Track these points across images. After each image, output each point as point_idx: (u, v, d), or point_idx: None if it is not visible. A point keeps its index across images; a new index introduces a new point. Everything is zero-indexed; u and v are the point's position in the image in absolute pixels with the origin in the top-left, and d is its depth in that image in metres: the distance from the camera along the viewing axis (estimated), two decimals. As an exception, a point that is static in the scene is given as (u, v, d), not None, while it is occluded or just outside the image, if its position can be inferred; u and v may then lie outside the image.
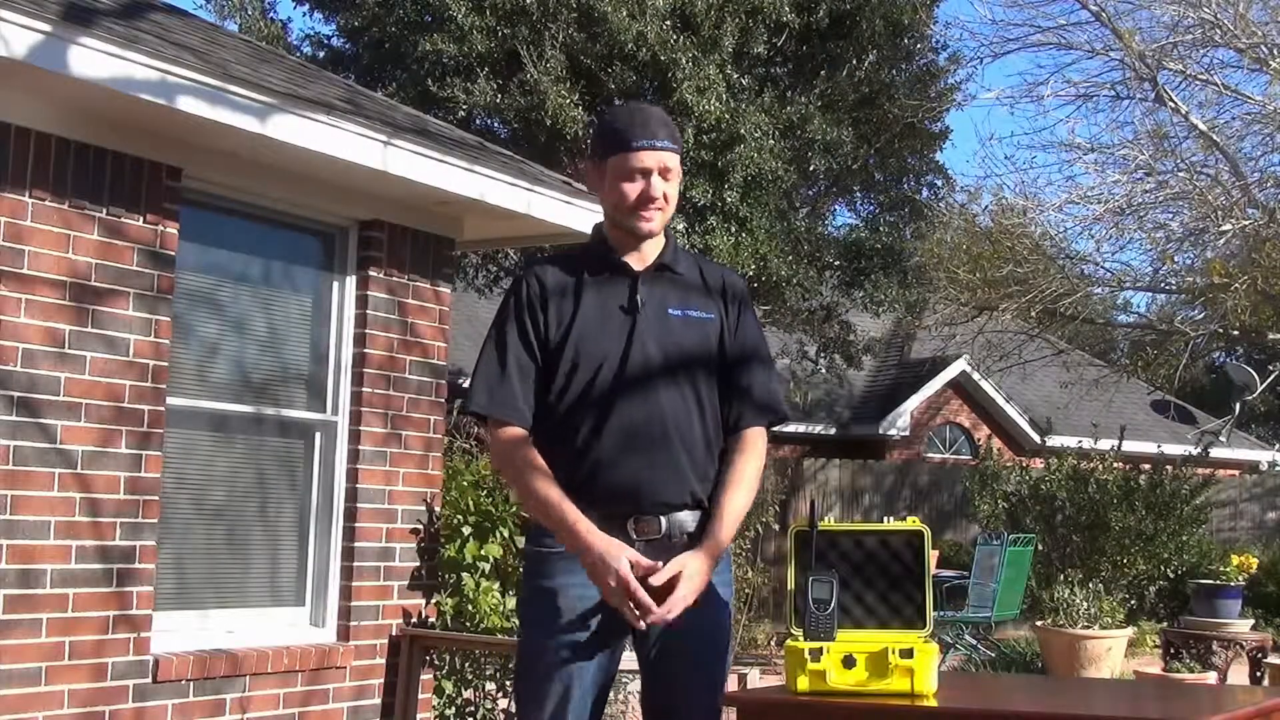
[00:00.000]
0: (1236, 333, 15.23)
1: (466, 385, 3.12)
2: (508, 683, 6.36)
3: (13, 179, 4.63)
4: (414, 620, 5.98)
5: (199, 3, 17.82)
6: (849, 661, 2.79)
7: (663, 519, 2.94)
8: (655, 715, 3.03)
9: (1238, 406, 18.59)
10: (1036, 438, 19.00)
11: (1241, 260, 14.55)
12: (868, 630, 2.91)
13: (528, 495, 2.95)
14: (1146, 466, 11.89)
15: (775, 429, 3.24)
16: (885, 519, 3.06)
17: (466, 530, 6.34)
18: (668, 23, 12.57)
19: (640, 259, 3.05)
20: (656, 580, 2.82)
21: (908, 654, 2.78)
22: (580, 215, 6.31)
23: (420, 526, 6.03)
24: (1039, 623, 10.51)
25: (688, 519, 2.97)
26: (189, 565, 5.38)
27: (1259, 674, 9.35)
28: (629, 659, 3.04)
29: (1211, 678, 8.79)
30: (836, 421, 20.41)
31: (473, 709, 6.31)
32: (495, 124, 13.89)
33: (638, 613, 2.80)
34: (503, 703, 6.38)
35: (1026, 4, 13.02)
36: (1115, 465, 11.79)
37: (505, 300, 3.07)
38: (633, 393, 2.95)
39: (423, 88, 13.11)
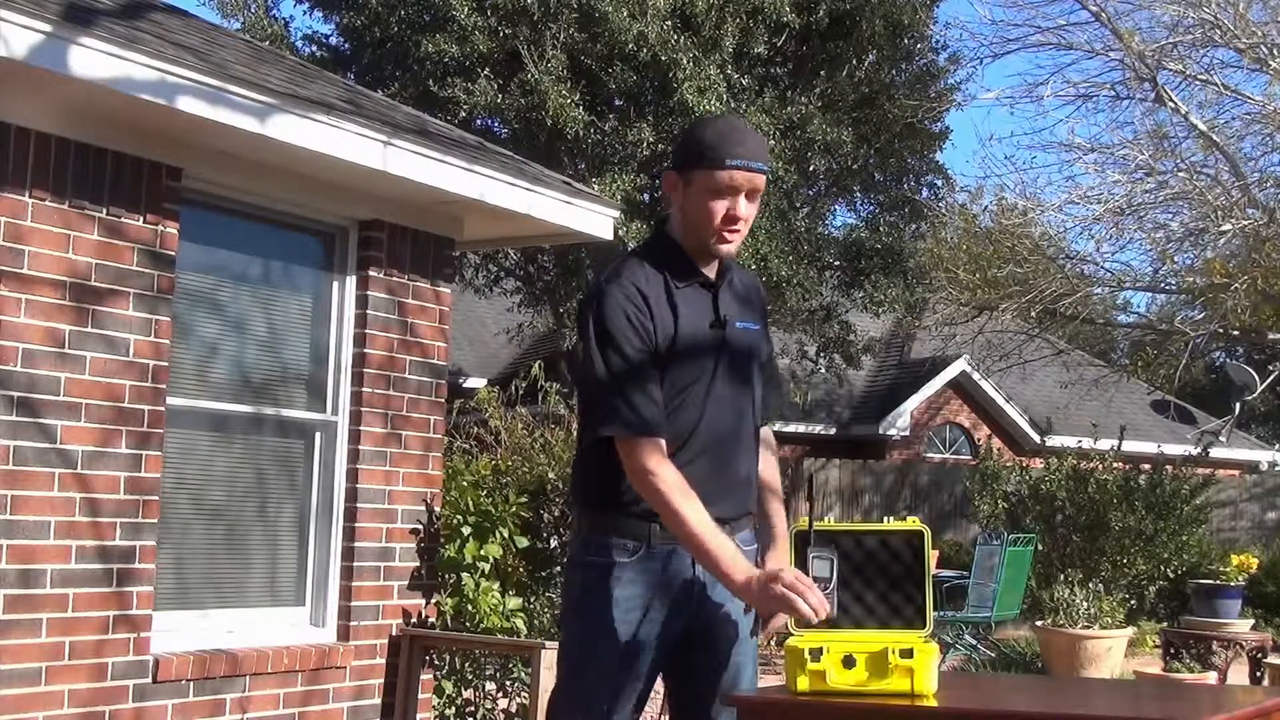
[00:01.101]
0: (1236, 333, 15.23)
1: (588, 402, 2.96)
2: (508, 683, 6.37)
3: (13, 179, 4.63)
4: (414, 620, 5.98)
5: (199, 2, 17.84)
6: (849, 661, 2.79)
7: (734, 535, 2.97)
8: (687, 713, 3.08)
9: (1238, 406, 18.57)
10: (1036, 438, 19.01)
11: (1241, 260, 14.56)
12: (868, 630, 2.91)
13: (676, 518, 2.85)
14: (1146, 466, 11.88)
15: (775, 429, 3.32)
16: (885, 519, 3.06)
17: (466, 530, 6.34)
18: (668, 23, 12.57)
19: (711, 270, 3.05)
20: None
21: (908, 654, 2.78)
22: (580, 215, 6.32)
23: (420, 526, 6.03)
24: (1039, 623, 10.51)
25: (747, 528, 3.07)
26: (189, 565, 5.38)
27: (1259, 674, 9.35)
28: None
29: (1211, 678, 8.80)
30: (836, 421, 20.42)
31: (473, 709, 6.31)
32: (496, 124, 13.90)
33: (811, 609, 2.75)
34: (503, 703, 6.39)
35: (1026, 4, 13.05)
36: (1115, 465, 11.78)
37: (605, 311, 2.91)
38: (720, 405, 2.98)
39: (424, 88, 13.12)
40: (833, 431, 20.17)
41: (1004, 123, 59.78)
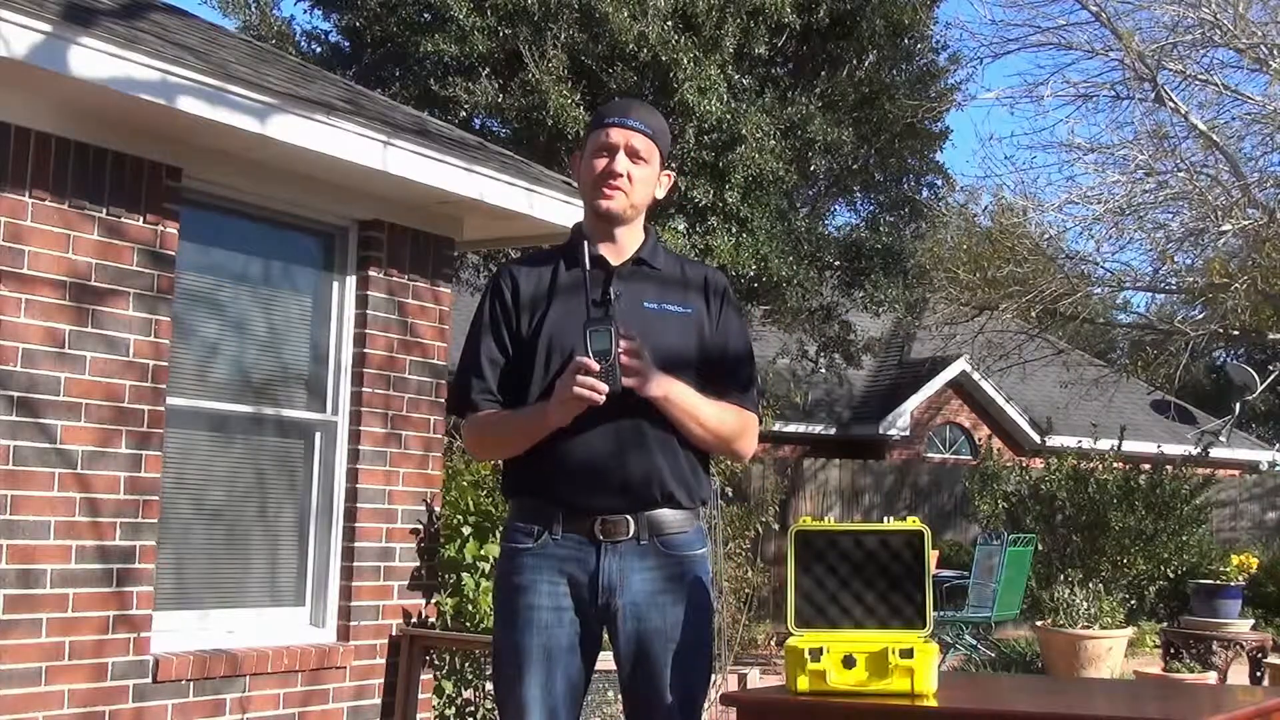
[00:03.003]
0: (1236, 333, 15.23)
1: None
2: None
3: (13, 179, 4.63)
4: (414, 620, 5.98)
5: (199, 2, 17.82)
6: (849, 661, 2.79)
7: (630, 520, 2.88)
8: (632, 716, 2.99)
9: (1238, 406, 18.57)
10: (1036, 438, 18.98)
11: (1241, 260, 14.55)
12: (868, 630, 2.91)
13: (503, 435, 2.95)
14: (1146, 466, 11.88)
15: (775, 429, 3.26)
16: (885, 519, 3.06)
17: (466, 530, 6.34)
18: (669, 23, 12.56)
19: (617, 253, 3.02)
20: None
21: (908, 654, 2.78)
22: (580, 215, 6.30)
23: (420, 526, 6.03)
24: (1039, 623, 10.52)
25: (665, 516, 2.91)
26: (189, 565, 5.38)
27: (1259, 674, 9.35)
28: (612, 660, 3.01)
29: (1211, 678, 8.80)
30: (836, 421, 20.41)
31: (473, 709, 6.31)
32: (496, 124, 13.89)
33: (594, 383, 2.74)
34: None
35: (1026, 4, 13.04)
36: (1115, 465, 11.78)
37: (480, 300, 3.05)
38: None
39: (424, 87, 13.12)
40: (833, 431, 20.15)
41: (1004, 123, 59.77)
